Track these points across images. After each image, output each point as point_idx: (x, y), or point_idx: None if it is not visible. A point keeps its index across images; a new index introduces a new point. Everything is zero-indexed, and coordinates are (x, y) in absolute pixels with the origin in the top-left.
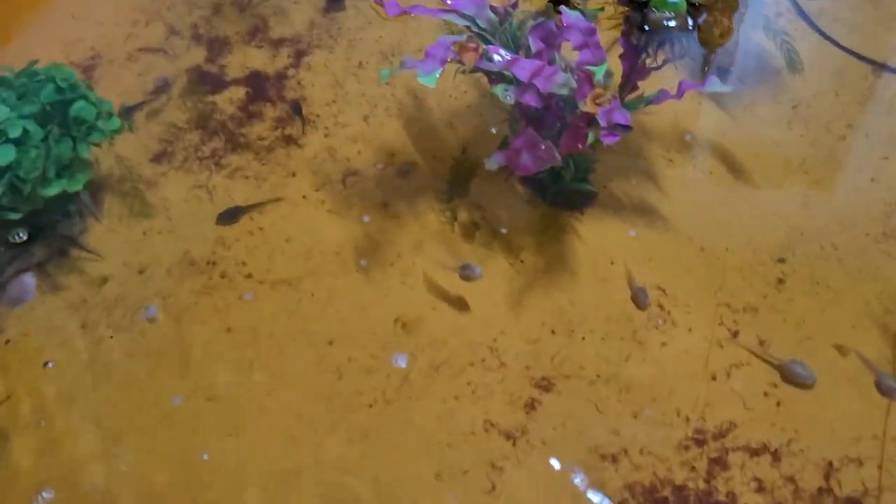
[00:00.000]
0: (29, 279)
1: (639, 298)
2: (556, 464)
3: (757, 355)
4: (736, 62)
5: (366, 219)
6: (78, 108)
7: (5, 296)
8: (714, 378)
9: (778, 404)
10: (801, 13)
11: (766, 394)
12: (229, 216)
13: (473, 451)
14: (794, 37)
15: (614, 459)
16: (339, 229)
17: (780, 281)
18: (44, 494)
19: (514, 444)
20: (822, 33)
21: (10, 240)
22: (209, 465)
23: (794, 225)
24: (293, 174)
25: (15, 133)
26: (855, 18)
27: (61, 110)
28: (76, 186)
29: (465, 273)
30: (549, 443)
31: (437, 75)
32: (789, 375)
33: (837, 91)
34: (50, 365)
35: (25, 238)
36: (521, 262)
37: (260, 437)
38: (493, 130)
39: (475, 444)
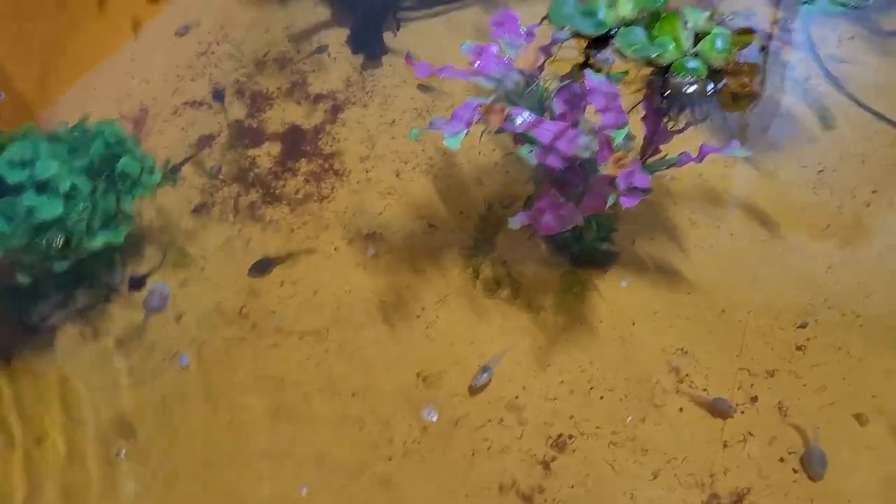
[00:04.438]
0: (165, 289)
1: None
2: None
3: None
4: (761, 126)
5: (392, 272)
6: (123, 163)
7: (146, 303)
8: (727, 444)
9: (794, 471)
10: (829, 76)
11: (782, 459)
12: (261, 267)
13: None
14: (825, 98)
15: None
16: (367, 282)
17: (802, 346)
18: None
19: (530, 503)
20: (851, 96)
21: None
22: None
23: (817, 290)
24: (326, 227)
25: (65, 187)
26: (883, 83)
27: (109, 164)
28: (118, 239)
29: (477, 375)
30: (566, 502)
31: (462, 137)
32: (809, 461)
33: (863, 157)
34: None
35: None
36: (543, 319)
37: (283, 483)
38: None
39: (490, 499)
